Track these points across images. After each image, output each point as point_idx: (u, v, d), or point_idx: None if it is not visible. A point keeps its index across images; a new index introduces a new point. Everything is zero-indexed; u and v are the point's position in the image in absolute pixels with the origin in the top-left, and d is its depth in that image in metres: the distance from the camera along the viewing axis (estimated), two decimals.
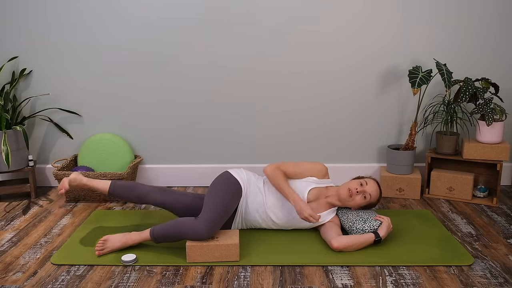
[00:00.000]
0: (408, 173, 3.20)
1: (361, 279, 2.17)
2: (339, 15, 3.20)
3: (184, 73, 3.30)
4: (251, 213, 2.55)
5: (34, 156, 3.48)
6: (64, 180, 2.58)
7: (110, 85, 3.34)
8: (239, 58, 3.27)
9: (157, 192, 2.55)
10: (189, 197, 2.57)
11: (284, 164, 2.60)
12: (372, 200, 2.57)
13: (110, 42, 3.25)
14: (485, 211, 2.97)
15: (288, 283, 2.14)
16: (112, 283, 2.14)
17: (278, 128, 3.40)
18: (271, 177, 2.51)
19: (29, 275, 2.22)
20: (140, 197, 2.54)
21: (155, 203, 2.55)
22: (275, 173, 2.51)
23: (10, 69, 3.31)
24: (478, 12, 3.20)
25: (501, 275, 2.20)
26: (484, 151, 3.04)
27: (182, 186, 3.49)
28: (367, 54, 3.27)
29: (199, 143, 3.44)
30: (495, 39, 3.24)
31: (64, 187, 2.55)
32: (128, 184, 2.57)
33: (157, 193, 2.54)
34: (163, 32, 3.23)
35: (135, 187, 2.56)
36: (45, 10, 3.21)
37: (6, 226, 2.78)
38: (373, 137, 3.42)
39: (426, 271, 2.23)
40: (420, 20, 3.21)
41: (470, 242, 2.54)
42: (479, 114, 3.07)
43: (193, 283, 2.14)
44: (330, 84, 3.33)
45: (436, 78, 3.32)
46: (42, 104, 3.38)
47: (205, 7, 3.19)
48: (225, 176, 2.56)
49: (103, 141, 3.34)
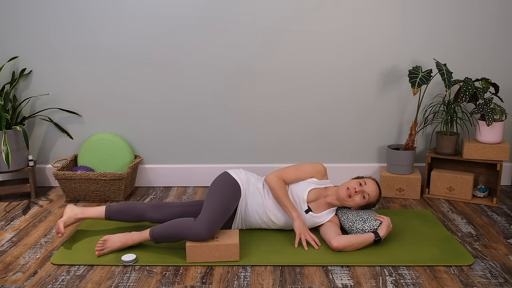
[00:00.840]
0: (408, 173, 3.20)
1: (361, 279, 2.17)
2: (339, 15, 3.20)
3: (184, 73, 3.30)
4: (251, 213, 2.56)
5: (34, 156, 3.48)
6: (58, 223, 2.48)
7: (110, 85, 3.34)
8: (240, 59, 3.27)
9: (152, 211, 2.58)
10: (181, 206, 2.60)
11: (285, 172, 2.59)
12: (372, 200, 2.57)
13: (110, 42, 3.25)
14: (485, 211, 2.97)
15: (288, 283, 2.14)
16: (112, 283, 2.14)
17: (278, 128, 3.40)
18: (273, 189, 2.52)
19: (29, 275, 2.22)
20: (136, 217, 2.58)
21: (152, 221, 2.59)
22: (277, 184, 2.52)
23: (10, 69, 3.31)
24: (478, 12, 3.20)
25: (501, 275, 2.20)
26: (484, 151, 3.04)
27: (182, 186, 3.49)
28: (367, 54, 3.27)
29: (199, 143, 3.44)
30: (495, 39, 3.24)
31: (61, 232, 2.46)
32: (123, 207, 2.58)
33: (152, 211, 2.58)
34: (163, 32, 3.23)
35: (129, 209, 2.57)
36: (45, 10, 3.21)
37: (6, 226, 2.78)
38: (373, 137, 3.42)
39: (426, 271, 2.23)
40: (420, 20, 3.21)
41: (470, 242, 2.54)
42: (479, 114, 3.07)
43: (193, 283, 2.14)
44: (330, 84, 3.33)
45: (436, 78, 3.32)
46: (42, 104, 3.38)
47: (205, 7, 3.19)
48: (224, 176, 2.56)
49: (103, 141, 3.34)
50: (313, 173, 2.63)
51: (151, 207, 2.59)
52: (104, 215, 2.57)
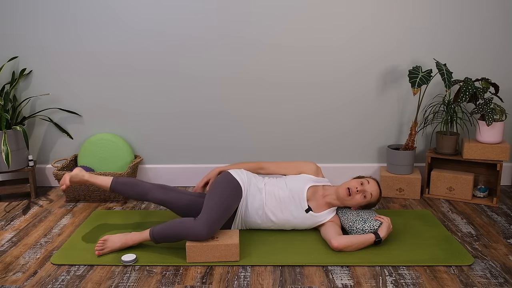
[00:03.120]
0: (408, 173, 3.20)
1: (361, 279, 2.17)
2: (339, 14, 3.20)
3: (184, 73, 3.30)
4: (251, 214, 2.55)
5: (34, 156, 3.48)
6: (65, 176, 2.58)
7: (110, 85, 3.34)
8: (240, 61, 3.27)
9: (158, 190, 2.54)
10: (189, 195, 2.56)
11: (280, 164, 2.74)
12: (372, 200, 2.57)
13: (110, 42, 3.25)
14: (485, 211, 2.97)
15: (288, 283, 2.14)
16: (112, 283, 2.14)
17: (278, 128, 3.40)
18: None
19: (29, 275, 2.22)
20: (140, 194, 2.54)
21: (156, 201, 2.54)
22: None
23: (10, 69, 3.31)
24: (478, 12, 3.20)
25: (501, 275, 2.20)
26: (484, 151, 3.04)
27: (182, 186, 3.49)
28: (367, 54, 3.27)
29: (199, 143, 3.44)
30: (495, 39, 3.24)
31: (66, 183, 2.55)
32: (129, 181, 2.58)
33: (158, 190, 2.54)
34: (163, 32, 3.23)
35: (136, 184, 2.56)
36: (45, 10, 3.21)
37: (6, 226, 2.78)
38: (373, 137, 3.42)
39: (426, 271, 2.23)
40: (420, 20, 3.21)
41: (470, 242, 2.54)
42: (479, 114, 3.07)
43: (193, 283, 2.14)
44: (330, 84, 3.33)
45: (436, 78, 3.32)
46: (42, 104, 3.38)
47: (205, 6, 3.19)
48: (226, 176, 2.56)
49: (103, 141, 3.34)
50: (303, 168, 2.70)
51: (157, 187, 2.56)
52: (110, 185, 2.57)
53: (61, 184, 2.56)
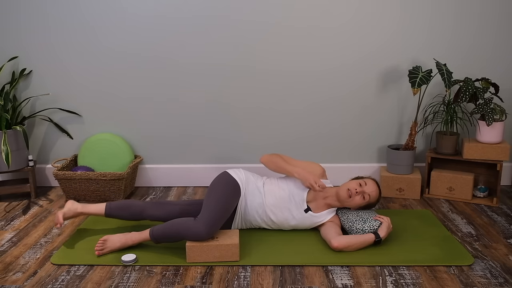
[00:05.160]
0: (408, 173, 3.20)
1: (361, 279, 2.17)
2: (339, 14, 3.20)
3: (184, 73, 3.31)
4: (251, 213, 2.56)
5: (34, 156, 3.48)
6: (58, 213, 2.53)
7: (110, 85, 3.34)
8: (239, 59, 3.27)
9: (152, 208, 2.58)
10: (180, 205, 2.60)
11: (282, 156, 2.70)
12: (372, 200, 2.57)
13: (110, 42, 3.25)
14: (485, 211, 2.97)
15: (288, 283, 2.14)
16: (112, 283, 2.14)
17: (278, 128, 3.40)
18: (269, 162, 2.59)
19: (29, 275, 2.22)
20: (135, 214, 2.57)
21: (151, 219, 2.58)
22: (271, 157, 2.61)
23: (10, 69, 3.31)
24: (478, 12, 3.20)
25: (501, 275, 2.20)
26: (484, 151, 3.04)
27: (182, 186, 3.49)
28: (367, 54, 3.27)
29: (199, 143, 3.44)
30: (495, 39, 3.24)
31: (59, 222, 2.50)
32: (122, 204, 2.59)
33: (152, 209, 2.58)
34: (163, 32, 3.23)
35: (129, 206, 2.58)
36: (45, 10, 3.21)
37: (6, 226, 2.78)
38: (373, 137, 3.42)
39: (426, 271, 2.23)
40: (420, 19, 3.21)
41: (470, 242, 2.54)
42: (479, 114, 3.07)
43: (193, 283, 2.14)
44: (330, 83, 3.33)
45: (436, 78, 3.32)
46: (42, 104, 3.38)
47: (205, 7, 3.19)
48: (224, 176, 2.56)
49: (103, 141, 3.34)
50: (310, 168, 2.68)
51: (151, 205, 2.58)
52: (104, 211, 2.57)
53: (56, 223, 2.51)
